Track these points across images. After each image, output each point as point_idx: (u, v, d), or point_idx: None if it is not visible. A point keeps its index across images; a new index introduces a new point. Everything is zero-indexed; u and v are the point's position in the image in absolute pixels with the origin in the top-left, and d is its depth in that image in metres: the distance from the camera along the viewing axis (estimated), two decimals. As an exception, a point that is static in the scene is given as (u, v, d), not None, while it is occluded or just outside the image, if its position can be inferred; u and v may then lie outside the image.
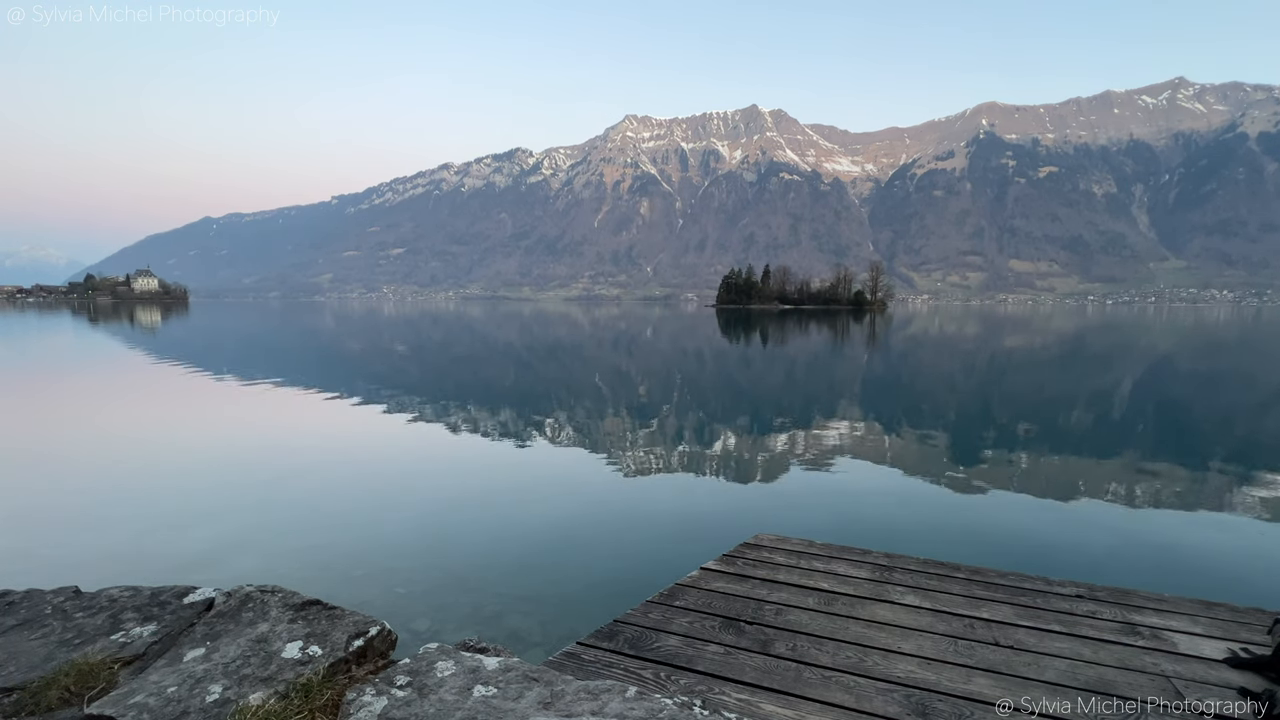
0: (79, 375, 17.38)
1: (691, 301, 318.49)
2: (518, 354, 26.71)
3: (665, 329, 48.09)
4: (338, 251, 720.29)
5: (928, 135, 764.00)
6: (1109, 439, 10.24)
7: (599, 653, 2.62)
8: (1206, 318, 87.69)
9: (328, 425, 11.02)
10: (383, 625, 2.13)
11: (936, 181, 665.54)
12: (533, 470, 8.22)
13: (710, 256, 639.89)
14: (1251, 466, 8.45)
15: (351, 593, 4.47)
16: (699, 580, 3.35)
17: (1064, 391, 15.95)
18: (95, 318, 57.39)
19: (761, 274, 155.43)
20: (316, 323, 54.79)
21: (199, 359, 21.20)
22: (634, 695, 1.80)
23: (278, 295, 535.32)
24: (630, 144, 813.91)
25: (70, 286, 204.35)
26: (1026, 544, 5.65)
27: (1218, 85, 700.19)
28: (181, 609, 2.19)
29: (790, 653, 2.62)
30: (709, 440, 9.98)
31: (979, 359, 26.07)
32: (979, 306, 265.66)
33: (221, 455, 8.62)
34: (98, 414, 11.72)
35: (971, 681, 2.42)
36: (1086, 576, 3.56)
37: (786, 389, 16.54)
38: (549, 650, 3.24)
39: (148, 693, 1.72)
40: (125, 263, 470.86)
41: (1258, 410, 13.38)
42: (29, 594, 2.28)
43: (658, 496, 7.12)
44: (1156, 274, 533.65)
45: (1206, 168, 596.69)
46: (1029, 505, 6.73)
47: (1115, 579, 3.58)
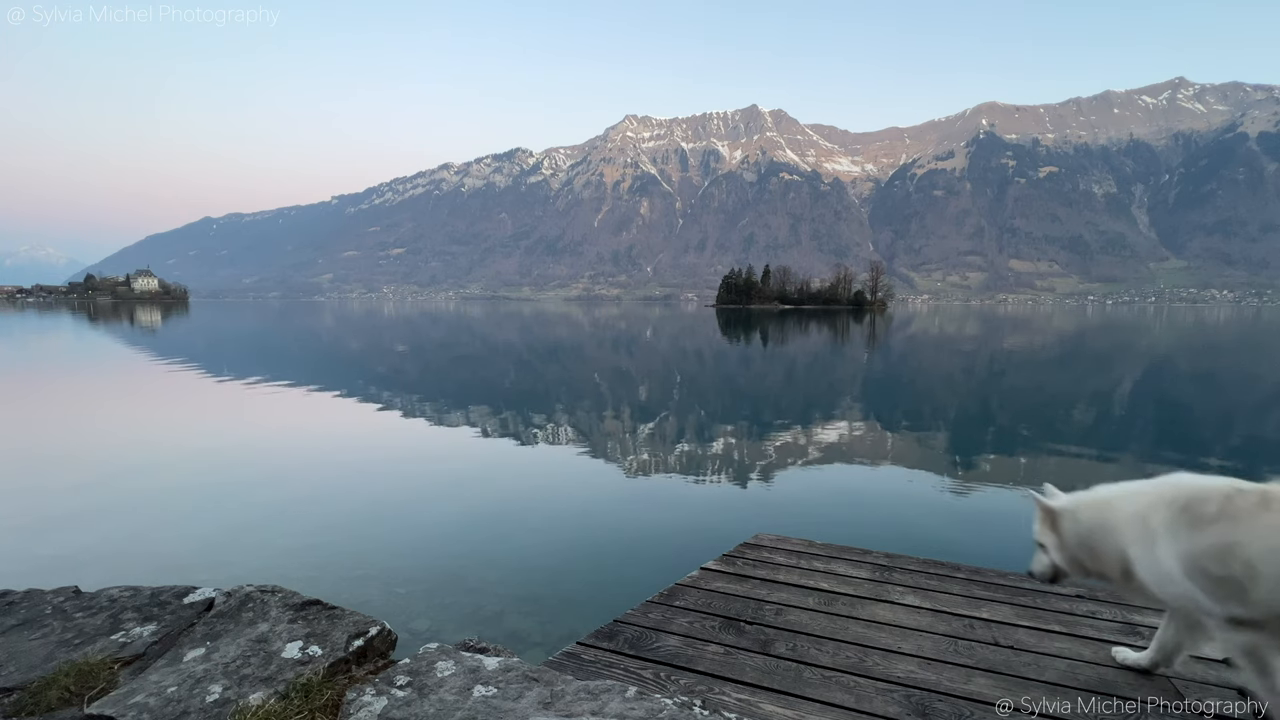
0: (79, 375, 17.38)
1: (691, 301, 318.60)
2: (518, 354, 26.71)
3: (665, 329, 48.10)
4: (338, 251, 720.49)
5: (928, 135, 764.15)
6: (1109, 439, 10.25)
7: (599, 653, 2.62)
8: (1207, 318, 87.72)
9: (328, 425, 11.02)
10: (383, 625, 2.13)
11: (936, 181, 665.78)
12: (533, 470, 8.22)
13: (710, 256, 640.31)
14: (1251, 466, 8.45)
15: (351, 593, 4.48)
16: (699, 580, 3.35)
17: (1064, 391, 15.96)
18: (95, 318, 57.41)
19: (761, 274, 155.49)
20: (316, 323, 54.81)
21: (199, 359, 21.20)
22: (634, 695, 1.80)
23: (278, 295, 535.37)
24: (630, 144, 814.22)
25: (70, 286, 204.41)
26: (1026, 544, 5.62)
27: (1218, 85, 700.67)
28: (181, 609, 2.19)
29: (790, 653, 2.62)
30: (709, 440, 9.98)
31: (979, 359, 26.08)
32: (979, 307, 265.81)
33: (221, 455, 8.62)
34: (98, 413, 11.72)
35: (971, 681, 2.42)
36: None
37: (786, 389, 16.54)
38: (549, 650, 3.24)
39: (148, 693, 1.72)
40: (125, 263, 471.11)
41: (1257, 410, 13.39)
42: (29, 594, 2.28)
43: (658, 496, 7.12)
44: (1156, 274, 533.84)
45: (1206, 168, 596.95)
46: (1029, 505, 6.72)
47: (1115, 579, 3.58)
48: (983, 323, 67.26)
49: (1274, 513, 1.90)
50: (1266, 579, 1.87)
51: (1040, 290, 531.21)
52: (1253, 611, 1.92)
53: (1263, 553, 1.88)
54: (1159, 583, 2.11)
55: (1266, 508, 1.91)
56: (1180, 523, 2.03)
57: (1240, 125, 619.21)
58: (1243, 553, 1.91)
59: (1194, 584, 2.00)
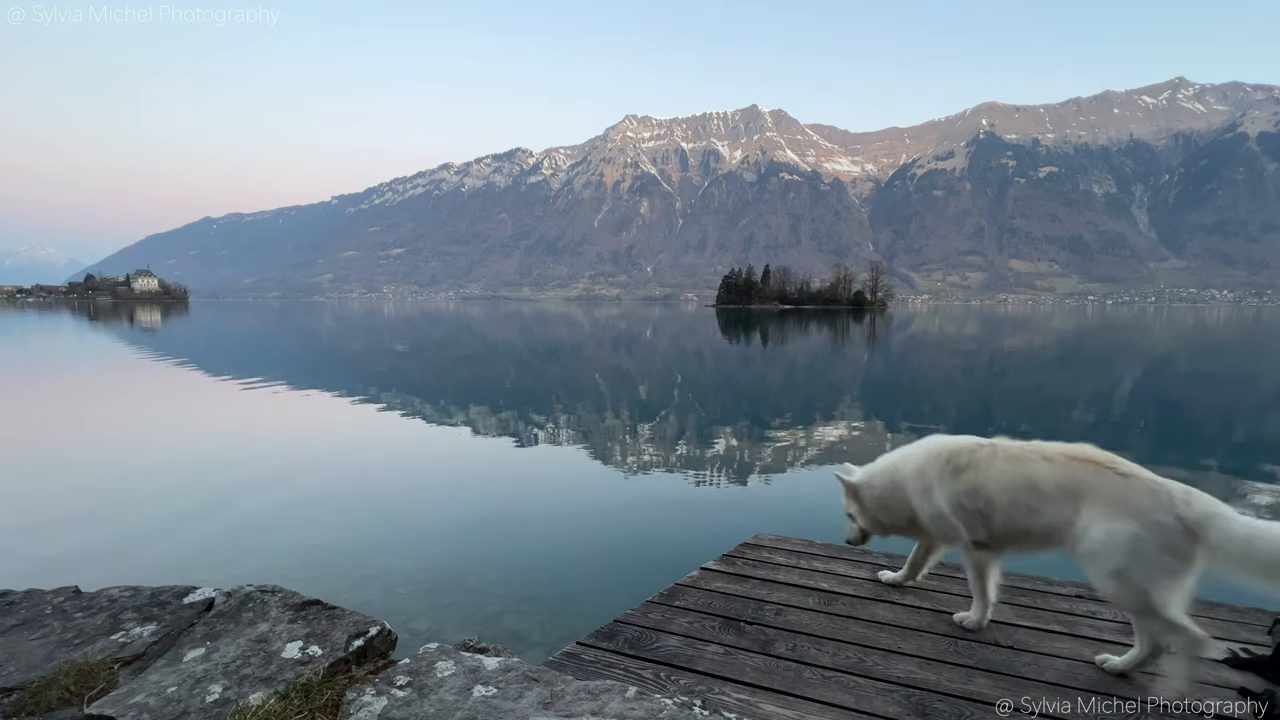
0: (79, 375, 17.39)
1: (691, 301, 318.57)
2: (518, 354, 26.71)
3: (665, 329, 48.10)
4: (338, 251, 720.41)
5: (928, 135, 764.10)
6: (1108, 438, 10.24)
7: (599, 653, 2.62)
8: (1207, 318, 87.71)
9: (328, 425, 11.02)
10: (383, 625, 2.13)
11: (936, 181, 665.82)
12: (533, 470, 8.22)
13: (710, 256, 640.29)
14: (1251, 466, 8.45)
15: (351, 593, 4.48)
16: (699, 580, 3.35)
17: (1064, 391, 15.96)
18: (95, 318, 57.40)
19: (761, 274, 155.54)
20: (316, 323, 54.81)
21: (199, 359, 21.20)
22: (634, 695, 1.80)
23: (278, 295, 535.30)
24: (630, 144, 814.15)
25: (70, 286, 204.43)
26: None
27: (1218, 85, 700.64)
28: (181, 609, 2.19)
29: (790, 653, 2.62)
30: (709, 440, 9.98)
31: (979, 359, 26.08)
32: (979, 307, 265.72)
33: (222, 455, 8.62)
34: (97, 414, 11.72)
35: (971, 681, 2.42)
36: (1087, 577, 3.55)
37: (786, 389, 16.54)
38: (549, 650, 3.24)
39: (148, 693, 1.72)
40: (125, 263, 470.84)
41: (1257, 410, 13.39)
42: (29, 594, 2.28)
43: (657, 496, 7.12)
44: (1156, 274, 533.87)
45: (1206, 168, 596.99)
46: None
47: (1115, 579, 3.58)
48: (983, 323, 67.26)
49: (1001, 460, 2.54)
50: (1000, 509, 2.52)
51: (1040, 290, 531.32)
52: (989, 535, 2.60)
53: (996, 491, 2.52)
54: (934, 521, 2.73)
55: (996, 456, 2.56)
56: (945, 473, 2.65)
57: (1240, 125, 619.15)
58: (985, 491, 2.54)
59: (956, 518, 2.63)
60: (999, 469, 2.53)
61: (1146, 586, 2.21)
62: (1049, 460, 2.45)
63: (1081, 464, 2.39)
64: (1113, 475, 2.32)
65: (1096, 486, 2.32)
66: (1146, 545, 2.19)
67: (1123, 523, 2.22)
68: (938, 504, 2.67)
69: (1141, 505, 2.22)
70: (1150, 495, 2.23)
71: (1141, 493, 2.25)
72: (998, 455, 2.56)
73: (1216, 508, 2.18)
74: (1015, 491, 2.47)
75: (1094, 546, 2.28)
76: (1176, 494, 2.22)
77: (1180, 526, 2.16)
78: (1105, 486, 2.31)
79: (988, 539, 2.61)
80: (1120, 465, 2.36)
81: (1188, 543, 2.17)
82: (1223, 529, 2.13)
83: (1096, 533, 2.27)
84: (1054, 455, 2.46)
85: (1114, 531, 2.23)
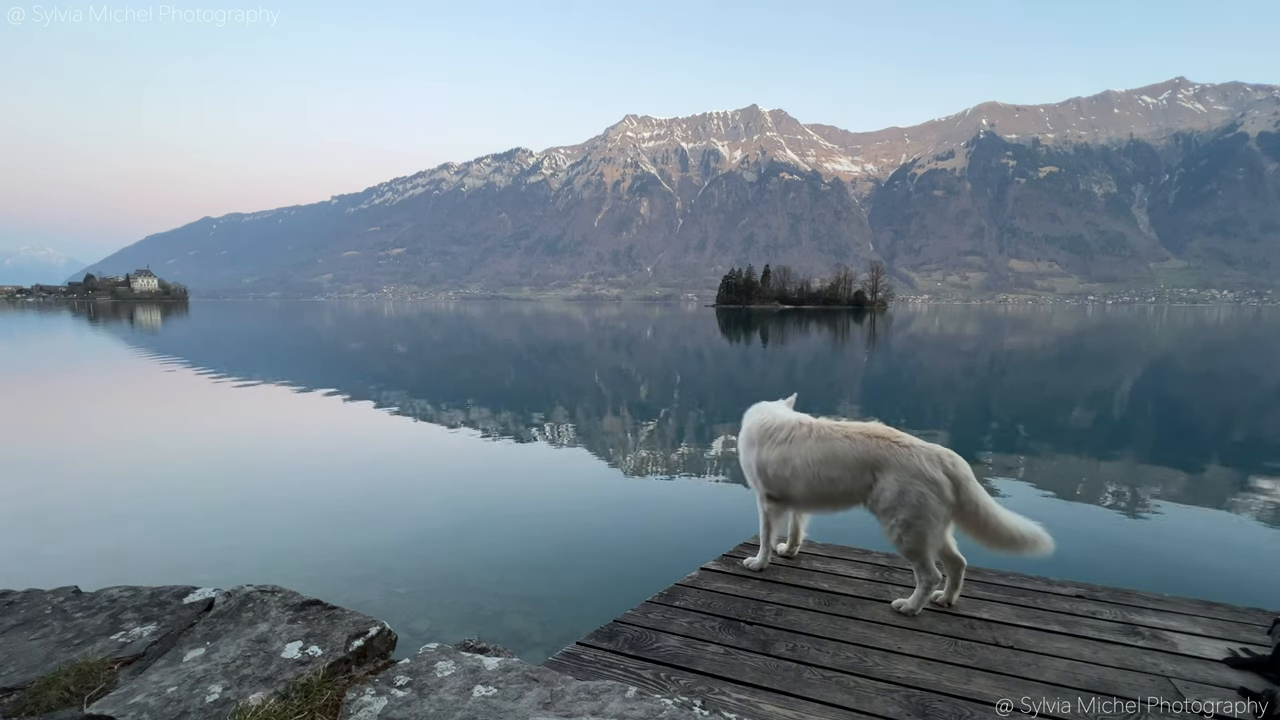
0: (79, 375, 17.38)
1: (691, 301, 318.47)
2: (518, 354, 26.71)
3: (665, 329, 48.09)
4: (338, 251, 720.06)
5: (928, 135, 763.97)
6: (1108, 438, 10.24)
7: (599, 653, 2.62)
8: (1207, 318, 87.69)
9: (327, 425, 11.02)
10: (383, 625, 2.13)
11: (936, 181, 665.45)
12: (533, 470, 8.22)
13: (710, 256, 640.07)
14: (1251, 466, 8.45)
15: (351, 593, 4.48)
16: (699, 580, 3.35)
17: (1064, 391, 15.96)
18: (95, 318, 57.40)
19: (761, 274, 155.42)
20: (316, 323, 54.80)
21: (199, 359, 21.19)
22: (634, 695, 1.80)
23: (278, 295, 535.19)
24: (630, 144, 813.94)
25: (70, 286, 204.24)
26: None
27: (1218, 85, 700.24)
28: (181, 609, 2.19)
29: (790, 653, 2.62)
30: (709, 440, 9.98)
31: (979, 359, 26.08)
32: (979, 306, 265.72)
33: (221, 455, 8.62)
34: (97, 413, 11.72)
35: (971, 681, 2.42)
36: (1086, 576, 3.55)
37: (786, 389, 16.47)
38: (549, 650, 3.25)
39: (148, 693, 1.72)
40: (125, 263, 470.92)
41: (1257, 410, 13.39)
42: (29, 594, 2.28)
43: (658, 496, 7.12)
44: (1156, 274, 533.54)
45: (1206, 168, 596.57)
46: (1029, 505, 6.72)
47: (1115, 579, 3.58)
48: (983, 323, 67.24)
49: (814, 439, 3.03)
50: (800, 478, 3.05)
51: (1040, 290, 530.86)
52: (790, 496, 3.18)
53: (802, 464, 3.03)
54: (749, 471, 3.34)
55: (809, 436, 3.06)
56: (765, 439, 3.23)
57: (1240, 125, 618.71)
58: (792, 462, 3.07)
59: (761, 476, 3.23)
60: (809, 446, 3.03)
61: (925, 532, 2.79)
62: (849, 438, 2.95)
63: (874, 440, 2.90)
64: (898, 447, 2.85)
65: (887, 457, 2.84)
66: (929, 500, 2.77)
67: (911, 483, 2.78)
68: (752, 463, 3.30)
69: (923, 469, 2.78)
70: (928, 460, 2.79)
71: (922, 459, 2.80)
72: (810, 435, 3.06)
73: (970, 472, 2.83)
74: (819, 465, 2.98)
75: (891, 503, 2.82)
76: (945, 457, 2.82)
77: (950, 483, 2.78)
78: (894, 456, 2.83)
79: (793, 498, 3.19)
80: (903, 438, 2.90)
81: (955, 494, 2.79)
82: (972, 490, 2.80)
83: (891, 493, 2.82)
84: (854, 434, 2.96)
85: (906, 491, 2.79)
